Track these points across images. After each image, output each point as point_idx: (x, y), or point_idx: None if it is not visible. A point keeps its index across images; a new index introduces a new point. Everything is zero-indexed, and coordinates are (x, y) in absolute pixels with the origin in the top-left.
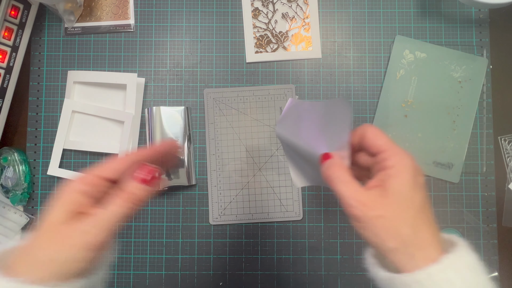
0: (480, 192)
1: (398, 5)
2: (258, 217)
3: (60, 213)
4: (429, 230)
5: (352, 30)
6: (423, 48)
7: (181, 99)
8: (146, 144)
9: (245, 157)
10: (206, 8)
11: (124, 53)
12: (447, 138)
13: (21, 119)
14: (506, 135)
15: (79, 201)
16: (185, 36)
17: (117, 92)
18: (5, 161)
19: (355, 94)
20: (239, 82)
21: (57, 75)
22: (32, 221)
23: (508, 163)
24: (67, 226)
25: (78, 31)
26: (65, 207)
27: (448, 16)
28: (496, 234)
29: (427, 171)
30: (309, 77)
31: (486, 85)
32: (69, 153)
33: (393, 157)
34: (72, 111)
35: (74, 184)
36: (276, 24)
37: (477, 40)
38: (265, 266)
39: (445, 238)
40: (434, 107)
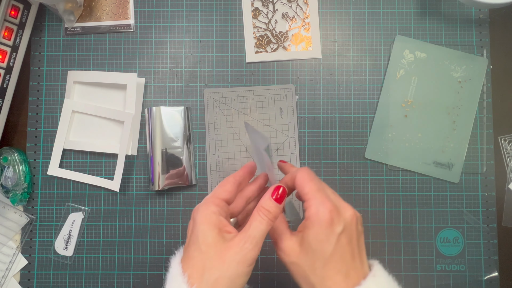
0: (480, 192)
1: (398, 5)
2: None
3: (214, 234)
4: (338, 276)
5: (352, 30)
6: (423, 48)
7: (181, 99)
8: (146, 144)
9: (245, 157)
10: (206, 8)
11: (124, 53)
12: (447, 138)
13: (21, 119)
14: (506, 135)
15: (221, 221)
16: (185, 36)
17: (117, 92)
18: (5, 161)
19: (355, 94)
20: (239, 82)
21: (57, 75)
22: (32, 221)
23: (508, 163)
24: (223, 246)
25: (78, 31)
26: (214, 228)
27: (448, 16)
28: (496, 234)
29: (427, 171)
30: (309, 77)
31: (486, 85)
32: (69, 153)
33: (311, 207)
34: (72, 111)
35: (209, 206)
36: (276, 24)
37: (477, 40)
38: (265, 266)
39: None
40: (434, 107)
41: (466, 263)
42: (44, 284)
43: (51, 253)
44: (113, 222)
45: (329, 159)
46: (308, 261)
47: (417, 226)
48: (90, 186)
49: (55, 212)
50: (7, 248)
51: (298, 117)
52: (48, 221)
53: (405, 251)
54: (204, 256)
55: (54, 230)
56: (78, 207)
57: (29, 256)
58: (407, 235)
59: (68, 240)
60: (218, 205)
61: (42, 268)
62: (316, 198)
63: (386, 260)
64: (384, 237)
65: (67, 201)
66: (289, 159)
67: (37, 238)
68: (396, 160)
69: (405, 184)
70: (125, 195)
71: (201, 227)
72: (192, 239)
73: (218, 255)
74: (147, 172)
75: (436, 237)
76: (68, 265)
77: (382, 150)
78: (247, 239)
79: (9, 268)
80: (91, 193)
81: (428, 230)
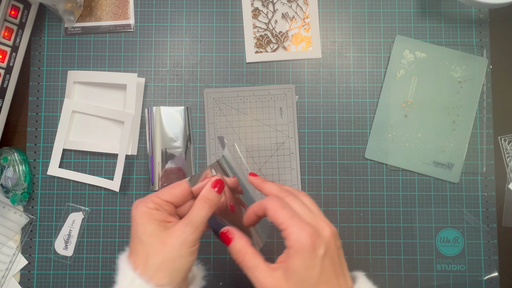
0: (480, 192)
1: (398, 5)
2: None
3: (153, 226)
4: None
5: (352, 30)
6: (423, 48)
7: (181, 99)
8: (146, 144)
9: (245, 157)
10: (206, 8)
11: (124, 53)
12: (447, 138)
13: (21, 119)
14: (506, 135)
15: (159, 214)
16: (185, 36)
17: (117, 92)
18: (5, 161)
19: (355, 94)
20: (239, 82)
21: (57, 75)
22: (32, 221)
23: (508, 163)
24: (164, 233)
25: (78, 31)
26: (153, 220)
27: (448, 16)
28: (496, 234)
29: (427, 171)
30: (309, 77)
31: (486, 85)
32: (69, 153)
33: (291, 235)
34: (72, 111)
35: (147, 203)
36: (276, 24)
37: (477, 40)
38: None
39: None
40: (434, 107)
41: (466, 263)
42: (44, 284)
43: (51, 253)
44: (113, 222)
45: (329, 159)
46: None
47: (417, 226)
48: (90, 186)
49: (55, 212)
50: (7, 248)
51: (298, 117)
52: (48, 221)
53: (405, 251)
54: (147, 245)
55: (54, 230)
56: (78, 207)
57: (29, 256)
58: (407, 235)
59: (68, 240)
60: (157, 203)
61: (42, 268)
62: (294, 225)
63: (386, 260)
64: (384, 237)
65: (67, 201)
66: (289, 159)
67: (37, 238)
68: (396, 160)
69: (405, 184)
70: (125, 195)
71: (140, 221)
72: (133, 234)
73: (160, 242)
74: (147, 172)
75: (436, 237)
76: (68, 265)
77: (382, 150)
78: (188, 224)
79: (9, 268)
80: (91, 193)
81: (428, 230)
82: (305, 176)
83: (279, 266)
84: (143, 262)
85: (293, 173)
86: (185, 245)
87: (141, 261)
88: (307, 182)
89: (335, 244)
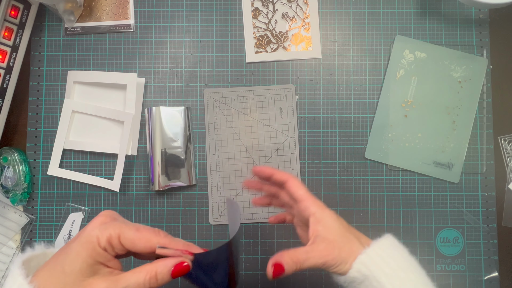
0: (480, 192)
1: (398, 5)
2: (258, 217)
3: (84, 264)
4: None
5: (352, 30)
6: (423, 48)
7: (181, 99)
8: (146, 144)
9: (245, 157)
10: (206, 8)
11: (124, 53)
12: (447, 138)
13: (21, 119)
14: (506, 135)
15: (104, 255)
16: (185, 36)
17: (117, 92)
18: (5, 161)
19: (355, 94)
20: (239, 82)
21: (57, 75)
22: (32, 221)
23: (508, 163)
24: (85, 281)
25: (78, 31)
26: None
27: (448, 16)
28: (496, 234)
29: (427, 171)
30: (309, 77)
31: (486, 85)
32: (69, 153)
33: (311, 206)
34: (72, 111)
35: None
36: (276, 24)
37: (477, 40)
38: (265, 266)
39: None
40: (434, 107)
41: (466, 263)
42: None
43: None
44: None
45: (329, 159)
46: (341, 239)
47: (417, 226)
48: (90, 186)
49: (55, 212)
50: (7, 248)
51: (298, 117)
52: (48, 221)
53: None
54: (62, 280)
55: (54, 230)
56: (78, 207)
57: None
58: (407, 235)
59: (68, 240)
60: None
61: None
62: (312, 197)
63: None
64: None
65: (67, 201)
66: (289, 159)
67: (37, 238)
68: (396, 160)
69: (405, 184)
70: (125, 195)
71: (80, 248)
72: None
73: (74, 285)
74: (147, 172)
75: (436, 237)
76: None
77: (382, 150)
78: (116, 285)
79: (9, 268)
80: (91, 193)
81: (428, 230)
82: (305, 176)
83: (315, 235)
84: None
85: (293, 173)
86: None
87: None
88: (307, 182)
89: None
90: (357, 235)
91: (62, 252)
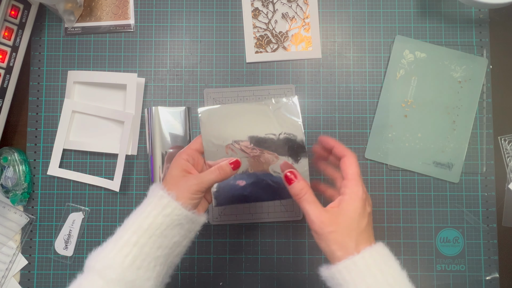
0: (480, 192)
1: (398, 5)
2: (258, 217)
3: (177, 172)
4: (366, 242)
5: (352, 30)
6: (423, 48)
7: (181, 99)
8: (146, 144)
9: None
10: (206, 8)
11: (124, 53)
12: (447, 138)
13: (21, 119)
14: (506, 135)
15: (186, 165)
16: (185, 36)
17: (117, 92)
18: (5, 161)
19: (355, 94)
20: (239, 82)
21: (57, 75)
22: (32, 221)
23: (508, 163)
24: (182, 179)
25: (78, 31)
26: (179, 168)
27: (448, 16)
28: (496, 234)
29: (427, 171)
30: (309, 77)
31: (486, 85)
32: (69, 153)
33: (352, 187)
34: (72, 111)
35: (182, 155)
36: (276, 24)
37: (477, 40)
38: (265, 266)
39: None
40: (434, 107)
41: (466, 263)
42: (44, 284)
43: (51, 253)
44: (113, 222)
45: None
46: (346, 229)
47: (417, 226)
48: (90, 186)
49: (55, 212)
50: (7, 248)
51: None
52: (48, 221)
53: (405, 251)
54: (167, 182)
55: (54, 230)
56: (78, 207)
57: (29, 256)
58: (407, 235)
59: (68, 240)
60: (188, 154)
61: (42, 268)
62: (358, 180)
63: None
64: (384, 237)
65: (67, 201)
66: None
67: (37, 238)
68: (396, 160)
69: (405, 184)
70: (125, 195)
71: (173, 165)
72: (167, 173)
73: (175, 182)
74: (147, 172)
75: (436, 237)
76: (68, 265)
77: (382, 150)
78: (197, 178)
79: (9, 268)
80: (91, 193)
81: (428, 230)
82: None
83: (332, 209)
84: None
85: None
86: (188, 190)
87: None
88: None
89: (370, 214)
90: (369, 236)
91: (166, 174)
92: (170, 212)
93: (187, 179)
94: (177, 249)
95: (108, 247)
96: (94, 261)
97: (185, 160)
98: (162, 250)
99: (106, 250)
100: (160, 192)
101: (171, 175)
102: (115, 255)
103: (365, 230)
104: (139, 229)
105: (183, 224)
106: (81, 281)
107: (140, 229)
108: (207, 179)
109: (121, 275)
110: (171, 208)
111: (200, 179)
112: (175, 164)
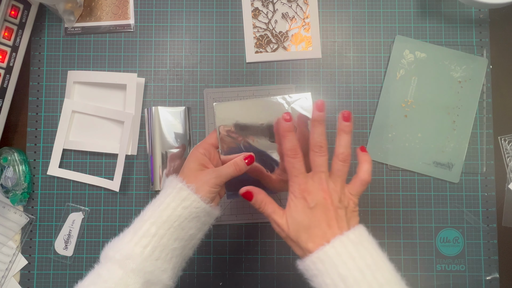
0: (480, 192)
1: (398, 5)
2: (258, 217)
3: (195, 165)
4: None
5: (352, 30)
6: (423, 48)
7: (181, 99)
8: (146, 144)
9: None
10: (206, 8)
11: (124, 53)
12: (447, 138)
13: (21, 119)
14: (506, 135)
15: (203, 158)
16: (185, 36)
17: (117, 92)
18: (5, 161)
19: (355, 94)
20: (239, 82)
21: (57, 75)
22: (32, 221)
23: (508, 163)
24: (200, 172)
25: (78, 31)
26: (196, 162)
27: (448, 16)
28: (496, 234)
29: (427, 171)
30: (309, 77)
31: (486, 85)
32: (69, 153)
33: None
34: (72, 111)
35: (199, 149)
36: (276, 24)
37: (477, 40)
38: (265, 266)
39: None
40: (434, 107)
41: (466, 263)
42: (44, 284)
43: (51, 253)
44: (113, 222)
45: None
46: (294, 232)
47: (417, 226)
48: (90, 186)
49: (55, 212)
50: (7, 248)
51: None
52: (48, 221)
53: (405, 251)
54: (186, 175)
55: (54, 230)
56: (78, 207)
57: (29, 256)
58: (407, 235)
59: (68, 240)
60: (205, 148)
61: (42, 268)
62: (292, 180)
63: None
64: (384, 237)
65: (67, 201)
66: None
67: (37, 238)
68: (396, 160)
69: (405, 184)
70: (125, 195)
71: (190, 159)
72: (183, 166)
73: (194, 175)
74: (147, 172)
75: (436, 237)
76: (68, 265)
77: (382, 150)
78: (214, 171)
79: (9, 268)
80: (91, 193)
81: (428, 230)
82: None
83: (285, 212)
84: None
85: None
86: (207, 183)
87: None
88: None
89: (332, 203)
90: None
91: (182, 168)
92: (189, 204)
93: (206, 173)
94: (192, 241)
95: (126, 237)
96: (113, 251)
97: (202, 154)
98: (178, 242)
99: (124, 240)
100: (179, 185)
101: (189, 168)
102: (134, 246)
103: (310, 227)
104: (158, 220)
105: (200, 217)
106: (100, 271)
107: (159, 220)
108: (224, 173)
109: (141, 265)
110: (190, 201)
111: (219, 173)
112: (193, 157)
